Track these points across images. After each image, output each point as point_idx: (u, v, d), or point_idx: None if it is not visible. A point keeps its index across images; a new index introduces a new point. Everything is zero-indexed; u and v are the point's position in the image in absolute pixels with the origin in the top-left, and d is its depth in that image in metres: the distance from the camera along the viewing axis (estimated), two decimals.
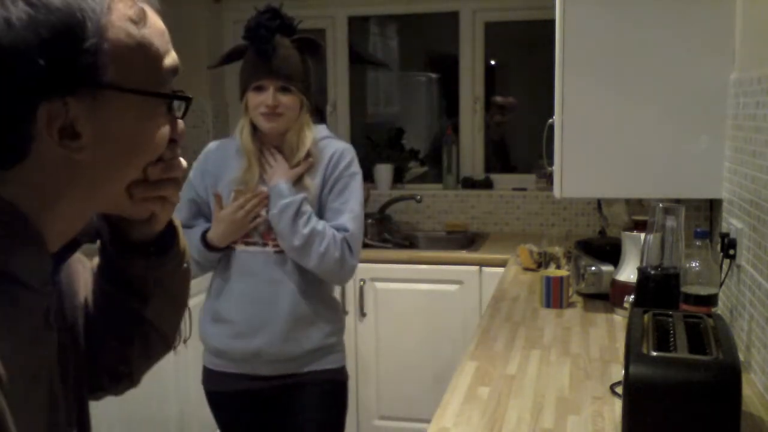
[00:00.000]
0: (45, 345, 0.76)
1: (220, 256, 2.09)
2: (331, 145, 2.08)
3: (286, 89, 1.98)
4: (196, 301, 3.11)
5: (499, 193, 3.93)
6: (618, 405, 1.52)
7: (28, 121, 0.68)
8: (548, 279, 2.35)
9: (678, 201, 1.99)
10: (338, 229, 2.01)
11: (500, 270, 3.05)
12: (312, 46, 2.05)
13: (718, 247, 1.94)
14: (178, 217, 2.11)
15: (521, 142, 4.28)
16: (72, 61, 0.69)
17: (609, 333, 2.07)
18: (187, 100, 0.79)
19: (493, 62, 4.07)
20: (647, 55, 2.13)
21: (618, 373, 1.70)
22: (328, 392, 2.12)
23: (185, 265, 0.96)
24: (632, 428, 1.26)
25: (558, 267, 2.73)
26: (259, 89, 1.98)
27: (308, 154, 2.03)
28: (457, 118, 4.04)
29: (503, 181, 3.98)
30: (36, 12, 0.67)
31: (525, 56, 4.17)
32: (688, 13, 2.11)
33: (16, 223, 0.70)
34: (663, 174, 2.16)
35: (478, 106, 3.98)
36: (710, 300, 1.67)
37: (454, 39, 3.96)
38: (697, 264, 1.68)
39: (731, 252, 1.85)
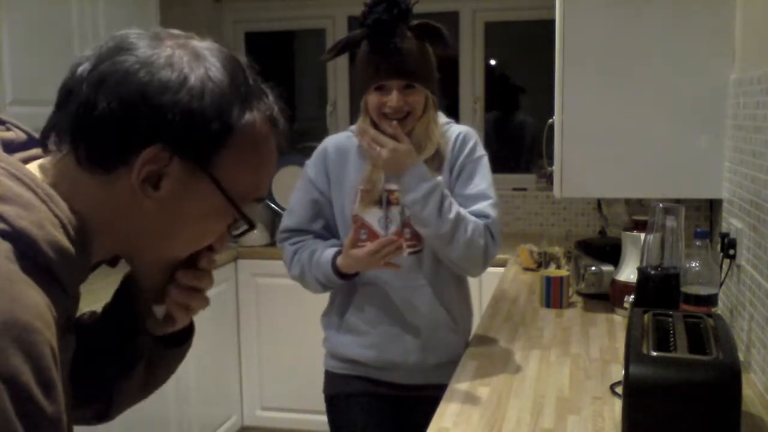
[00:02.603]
0: (67, 348, 0.79)
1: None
2: (452, 130, 1.93)
3: (410, 86, 1.81)
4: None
5: (499, 193, 3.90)
6: (618, 405, 1.52)
7: (136, 149, 0.75)
8: (548, 279, 2.35)
9: (678, 201, 1.99)
10: (478, 215, 1.84)
11: (500, 270, 3.05)
12: (434, 33, 1.87)
13: (718, 247, 1.94)
14: (296, 219, 1.98)
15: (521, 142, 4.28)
16: (202, 133, 0.77)
17: (609, 333, 2.07)
18: (251, 228, 0.85)
19: (493, 62, 4.07)
20: (647, 54, 2.13)
21: (618, 373, 1.70)
22: None
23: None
24: (632, 428, 1.25)
25: (558, 267, 2.73)
26: (381, 89, 1.80)
27: (437, 151, 1.87)
28: (457, 118, 4.04)
29: (503, 181, 3.97)
30: (213, 85, 0.77)
31: (525, 56, 4.17)
32: (688, 13, 2.11)
33: (80, 233, 0.76)
34: (663, 174, 2.16)
35: (478, 106, 3.98)
36: (710, 300, 1.67)
37: (454, 39, 3.96)
38: (697, 264, 1.68)
39: (731, 252, 1.85)
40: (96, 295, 2.80)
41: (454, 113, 4.05)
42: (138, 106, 0.74)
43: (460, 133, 1.92)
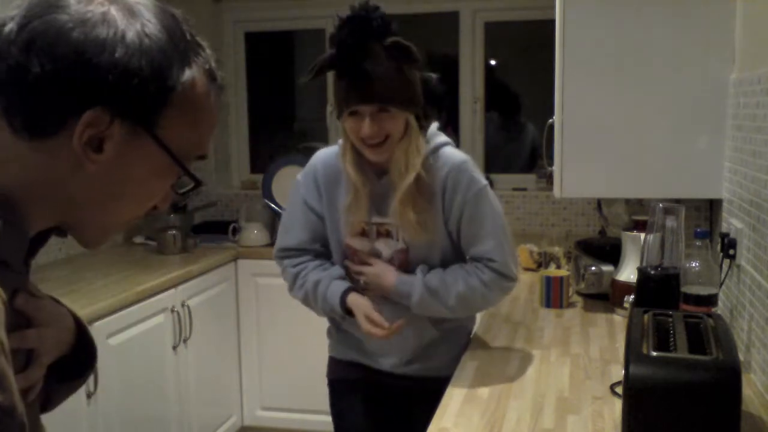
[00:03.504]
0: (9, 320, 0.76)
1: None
2: (442, 160, 1.80)
3: (385, 110, 1.71)
4: (197, 301, 3.11)
5: (499, 193, 3.90)
6: (618, 405, 1.52)
7: (75, 112, 0.72)
8: (548, 279, 2.35)
9: (678, 201, 1.99)
10: (482, 259, 1.81)
11: None
12: (405, 53, 1.72)
13: (718, 247, 1.94)
14: (295, 239, 1.96)
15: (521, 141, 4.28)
16: (143, 93, 0.74)
17: (609, 333, 2.07)
18: (198, 185, 0.82)
19: (493, 62, 4.07)
20: (647, 55, 2.13)
21: (618, 373, 1.70)
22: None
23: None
24: (632, 428, 1.25)
25: (558, 267, 2.73)
26: (356, 113, 1.72)
27: (418, 177, 1.76)
28: (457, 117, 4.04)
29: (503, 181, 3.98)
30: (150, 42, 0.74)
31: (525, 56, 4.17)
32: (688, 13, 2.11)
33: (3, 205, 0.73)
34: (663, 174, 2.16)
35: (478, 106, 3.98)
36: (710, 300, 1.67)
37: (454, 39, 3.96)
38: (697, 264, 1.68)
39: (731, 252, 1.85)
40: (96, 294, 2.79)
41: (454, 113, 4.05)
42: (74, 68, 0.71)
43: (451, 169, 1.79)
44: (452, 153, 1.83)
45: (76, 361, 0.90)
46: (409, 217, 1.77)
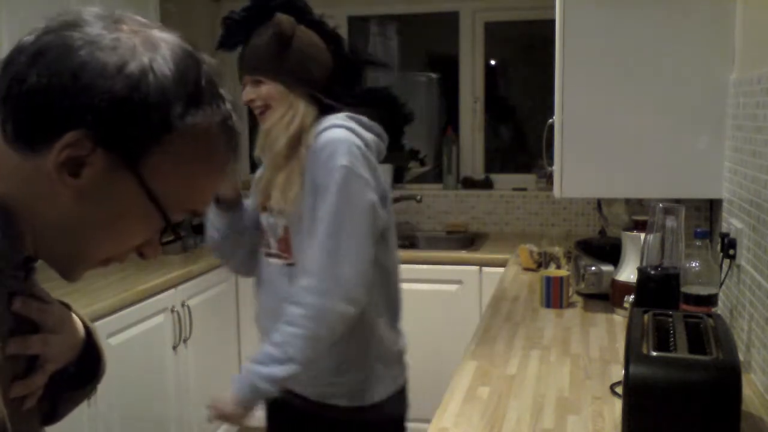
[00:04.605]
0: (5, 325, 0.76)
1: (237, 216, 1.86)
2: (320, 141, 1.69)
3: (258, 80, 1.75)
4: (197, 301, 3.10)
5: (499, 193, 3.93)
6: (618, 405, 1.52)
7: (59, 131, 0.69)
8: (548, 279, 2.35)
9: (678, 201, 1.99)
10: (294, 304, 1.65)
11: (500, 270, 3.05)
12: (284, 29, 1.75)
13: (718, 247, 1.94)
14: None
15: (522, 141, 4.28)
16: (131, 126, 0.71)
17: (609, 333, 2.07)
18: (178, 239, 0.79)
19: (493, 62, 4.07)
20: (647, 55, 2.13)
21: (618, 373, 1.70)
22: None
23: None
24: (632, 428, 1.26)
25: (558, 267, 2.73)
26: (244, 86, 1.80)
27: (297, 151, 1.71)
28: (457, 117, 4.04)
29: (503, 181, 3.98)
30: (153, 77, 0.71)
31: (525, 56, 4.18)
32: (688, 13, 2.11)
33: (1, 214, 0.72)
34: (663, 174, 2.16)
35: (478, 106, 3.98)
36: (710, 300, 1.67)
37: (454, 39, 3.96)
38: (697, 264, 1.68)
39: (731, 252, 1.85)
40: (96, 294, 2.79)
41: (454, 113, 4.06)
42: (67, 85, 0.69)
43: (319, 145, 1.68)
44: (333, 131, 1.70)
45: (83, 370, 0.88)
46: (276, 187, 1.73)
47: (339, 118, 1.74)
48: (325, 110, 1.76)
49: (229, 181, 1.84)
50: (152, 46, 0.72)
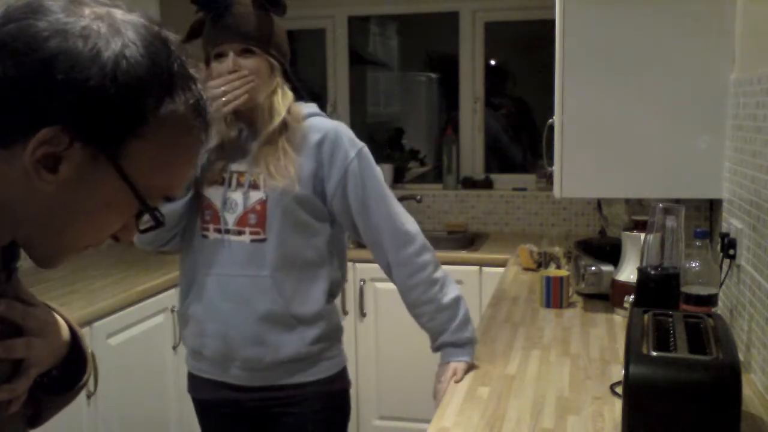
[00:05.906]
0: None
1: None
2: (315, 125, 1.77)
3: (248, 51, 1.71)
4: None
5: (499, 193, 3.93)
6: (618, 405, 1.52)
7: (32, 127, 0.67)
8: (548, 279, 2.35)
9: (678, 201, 1.99)
10: (420, 269, 1.83)
11: (500, 270, 3.05)
12: (273, 2, 1.76)
13: (718, 247, 1.94)
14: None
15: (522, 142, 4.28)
16: (109, 119, 0.69)
17: (609, 333, 2.07)
18: (158, 225, 0.77)
19: (493, 62, 4.07)
20: (647, 54, 2.13)
21: (618, 373, 1.70)
22: (325, 405, 1.83)
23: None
24: (632, 428, 1.25)
25: (558, 267, 2.73)
26: (220, 56, 1.72)
27: (285, 124, 1.73)
28: (457, 118, 4.04)
29: (503, 181, 3.98)
30: (127, 65, 0.68)
31: (525, 56, 4.18)
32: (688, 13, 2.11)
33: None
34: (663, 174, 2.16)
35: (478, 106, 3.98)
36: (710, 300, 1.67)
37: (454, 39, 3.96)
38: (697, 264, 1.68)
39: (731, 252, 1.85)
40: (96, 294, 2.79)
41: (454, 113, 4.06)
42: (38, 79, 0.66)
43: (329, 131, 1.77)
44: (322, 121, 1.81)
45: (68, 374, 0.86)
46: (269, 161, 1.72)
47: (312, 107, 1.84)
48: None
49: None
50: (119, 32, 0.70)
